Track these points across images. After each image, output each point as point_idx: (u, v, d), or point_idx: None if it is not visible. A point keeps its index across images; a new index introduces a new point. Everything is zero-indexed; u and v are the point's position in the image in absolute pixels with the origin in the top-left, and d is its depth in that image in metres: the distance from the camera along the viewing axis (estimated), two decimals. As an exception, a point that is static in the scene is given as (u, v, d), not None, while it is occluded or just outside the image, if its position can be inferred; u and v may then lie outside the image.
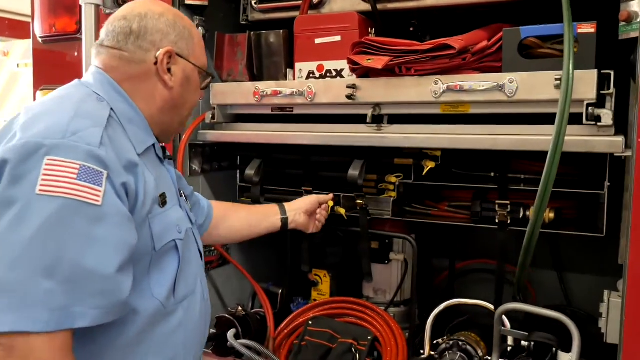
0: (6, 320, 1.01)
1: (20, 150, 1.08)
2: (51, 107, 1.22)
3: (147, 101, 1.35)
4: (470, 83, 1.63)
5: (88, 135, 1.14)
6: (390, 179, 1.93)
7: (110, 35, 1.33)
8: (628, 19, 1.43)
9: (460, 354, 1.77)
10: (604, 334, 1.67)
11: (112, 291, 1.12)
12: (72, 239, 1.07)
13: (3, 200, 1.06)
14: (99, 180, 1.11)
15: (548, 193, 1.49)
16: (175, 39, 1.36)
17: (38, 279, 1.03)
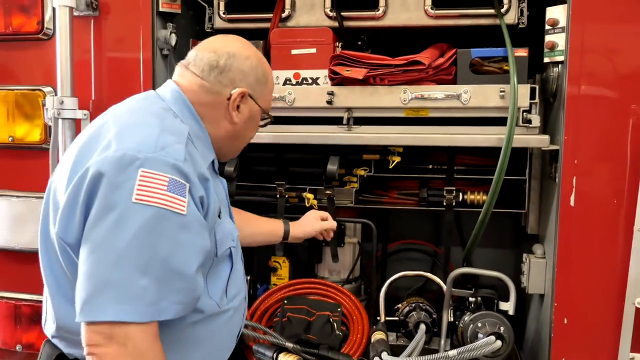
0: (110, 311, 1.16)
1: (118, 161, 1.22)
2: (139, 119, 1.36)
3: (213, 126, 1.51)
4: (434, 92, 2.02)
5: (174, 150, 1.28)
6: (359, 172, 2.26)
7: (198, 62, 1.48)
8: (552, 47, 1.92)
9: (423, 313, 2.16)
10: (526, 287, 2.18)
11: (192, 289, 1.29)
12: (163, 243, 1.21)
13: (105, 205, 1.20)
14: (183, 192, 1.26)
15: (502, 178, 1.93)
16: (252, 81, 1.52)
17: (136, 277, 1.18)
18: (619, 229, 1.81)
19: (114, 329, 1.16)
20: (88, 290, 1.18)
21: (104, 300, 1.16)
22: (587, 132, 1.83)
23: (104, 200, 1.20)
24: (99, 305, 1.16)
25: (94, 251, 1.19)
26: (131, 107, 1.45)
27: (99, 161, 1.23)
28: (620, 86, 1.79)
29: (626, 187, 1.80)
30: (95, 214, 1.20)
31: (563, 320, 1.88)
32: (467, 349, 1.78)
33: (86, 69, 2.20)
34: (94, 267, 1.18)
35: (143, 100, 1.48)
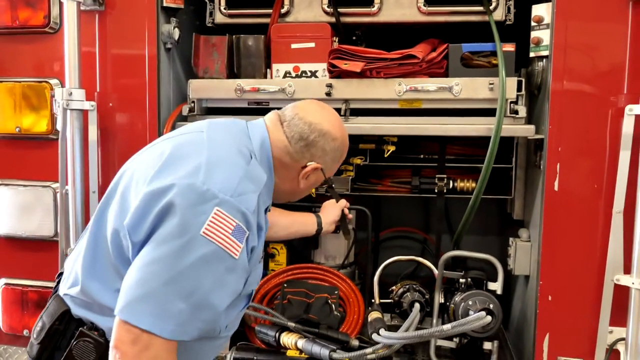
0: (146, 321, 1.30)
1: (202, 195, 1.35)
2: (228, 157, 1.46)
3: (280, 180, 1.63)
4: (427, 85, 2.14)
5: (248, 200, 1.41)
6: (355, 160, 2.37)
7: (291, 127, 1.62)
8: (537, 43, 2.05)
9: (417, 293, 2.29)
10: (512, 269, 2.32)
11: (215, 321, 1.43)
12: (211, 278, 1.34)
13: (181, 227, 1.32)
14: (242, 239, 1.38)
15: (491, 163, 2.06)
16: (329, 160, 1.68)
17: (177, 300, 1.31)
18: (599, 212, 1.95)
19: (142, 334, 1.29)
20: (135, 294, 1.30)
21: (144, 309, 1.30)
22: (570, 122, 1.96)
23: (178, 223, 1.32)
24: (138, 312, 1.29)
25: (156, 262, 1.31)
26: (226, 135, 1.56)
27: (185, 186, 1.35)
28: (600, 79, 1.93)
29: (605, 172, 1.94)
30: (167, 232, 1.32)
31: (547, 298, 2.02)
32: (459, 323, 1.91)
33: (91, 62, 2.28)
34: (148, 277, 1.31)
35: (237, 133, 1.59)
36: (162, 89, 2.28)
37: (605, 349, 1.97)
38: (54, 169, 2.27)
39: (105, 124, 2.27)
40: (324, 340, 2.12)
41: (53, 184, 2.30)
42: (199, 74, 2.38)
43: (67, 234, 2.20)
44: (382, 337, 1.98)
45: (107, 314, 1.45)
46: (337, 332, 2.18)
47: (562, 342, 2.02)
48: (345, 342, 2.14)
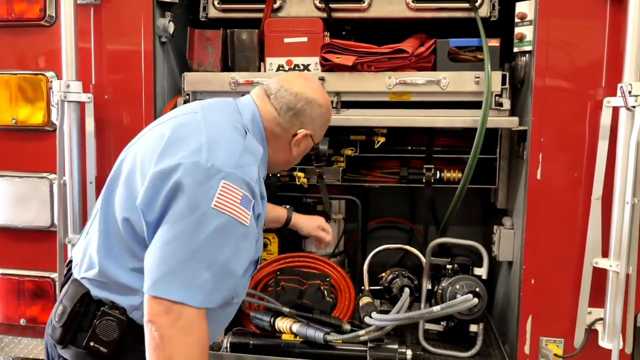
0: (176, 294, 1.38)
1: (208, 171, 1.42)
2: (227, 134, 1.54)
3: (273, 151, 1.72)
4: (416, 78, 2.22)
5: (250, 170, 1.49)
6: (346, 151, 2.45)
7: (278, 99, 1.69)
8: (520, 38, 2.15)
9: (406, 279, 2.38)
10: (497, 255, 2.42)
11: (234, 287, 1.54)
12: (228, 247, 1.43)
13: (192, 204, 1.40)
14: (249, 207, 1.46)
15: (477, 153, 2.16)
16: (317, 126, 1.76)
17: (201, 271, 1.40)
18: (579, 199, 2.06)
19: (174, 305, 1.38)
20: (160, 272, 1.38)
21: (172, 284, 1.38)
22: (552, 114, 2.07)
23: (190, 200, 1.40)
24: (167, 287, 1.37)
25: (175, 240, 1.39)
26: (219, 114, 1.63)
27: (190, 164, 1.42)
28: (580, 73, 2.04)
29: (585, 161, 2.04)
30: (180, 209, 1.39)
31: (530, 281, 2.13)
32: (448, 304, 2.00)
33: (86, 55, 2.31)
34: (171, 254, 1.39)
35: (229, 111, 1.66)
36: (157, 81, 2.33)
37: (585, 328, 2.08)
38: (50, 160, 2.30)
39: (101, 116, 2.31)
40: (318, 324, 2.20)
41: (49, 175, 2.34)
42: (194, 67, 2.44)
43: (66, 224, 2.24)
44: (374, 320, 2.07)
45: (125, 292, 1.53)
46: (330, 317, 2.26)
47: (544, 324, 2.13)
48: (338, 326, 2.22)
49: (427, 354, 2.26)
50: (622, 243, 1.93)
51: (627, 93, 1.87)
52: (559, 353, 2.10)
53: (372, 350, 2.10)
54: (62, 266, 2.26)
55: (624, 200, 1.92)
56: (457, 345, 2.32)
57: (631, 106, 1.87)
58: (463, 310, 2.04)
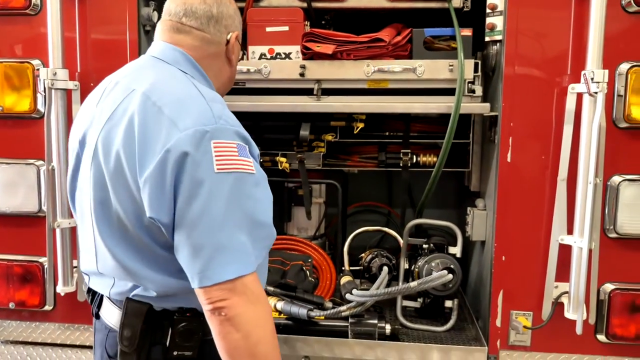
0: (230, 271, 1.33)
1: (192, 138, 1.32)
2: (181, 93, 1.41)
3: (217, 77, 1.62)
4: (393, 66, 2.32)
5: (228, 117, 1.40)
6: (326, 137, 2.55)
7: (192, 16, 1.54)
8: (492, 28, 2.26)
9: (384, 258, 2.49)
10: (470, 235, 2.55)
11: (271, 235, 1.46)
12: (247, 201, 1.37)
13: (194, 182, 1.32)
14: (247, 154, 1.39)
15: (451, 137, 2.27)
16: (237, 24, 1.66)
17: (237, 236, 1.34)
18: (546, 180, 2.18)
19: (234, 283, 1.33)
20: (203, 260, 1.32)
21: (221, 263, 1.32)
22: (521, 100, 2.18)
23: (192, 178, 1.31)
24: (218, 269, 1.32)
25: (197, 224, 1.32)
26: (157, 78, 1.47)
27: (175, 143, 1.31)
28: (547, 61, 2.15)
29: (552, 144, 2.17)
30: (188, 192, 1.32)
31: (502, 258, 2.25)
32: (425, 280, 2.12)
33: (71, 43, 2.36)
34: (202, 238, 1.32)
35: (159, 68, 1.51)
36: (142, 69, 2.38)
37: (552, 302, 2.21)
38: (37, 147, 2.35)
39: (87, 104, 2.36)
40: (301, 302, 2.30)
41: (36, 162, 2.39)
42: (178, 56, 2.49)
43: (55, 209, 2.30)
44: (354, 296, 2.18)
45: (183, 294, 1.46)
46: (313, 296, 2.37)
47: (514, 298, 2.26)
48: (320, 304, 2.32)
49: (405, 328, 2.37)
50: (585, 221, 2.06)
51: (590, 80, 2.00)
52: (527, 325, 2.24)
53: (353, 325, 2.21)
54: (52, 250, 2.31)
55: (587, 181, 2.05)
56: (434, 320, 2.44)
57: (593, 92, 2.00)
58: (438, 285, 2.16)
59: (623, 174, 2.15)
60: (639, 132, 2.14)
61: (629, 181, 2.14)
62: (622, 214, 2.16)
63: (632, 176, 2.14)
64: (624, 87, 2.10)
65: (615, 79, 2.10)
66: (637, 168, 2.15)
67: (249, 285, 1.35)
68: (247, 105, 2.41)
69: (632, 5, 2.06)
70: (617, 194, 2.15)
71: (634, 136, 2.14)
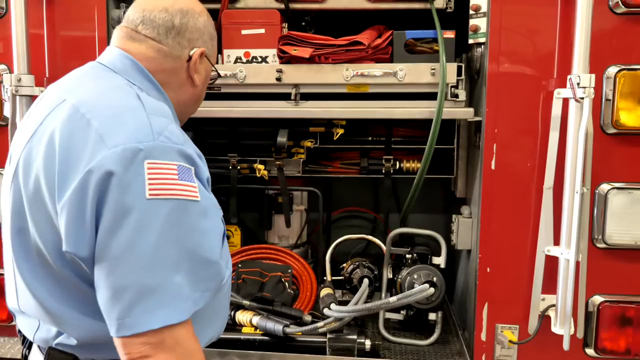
0: (157, 318, 1.10)
1: (121, 157, 1.11)
2: (118, 104, 1.21)
3: (175, 93, 1.41)
4: (373, 70, 2.23)
5: (171, 134, 1.18)
6: (306, 143, 2.46)
7: (149, 24, 1.36)
8: (475, 30, 2.17)
9: (366, 269, 2.40)
10: (455, 244, 2.46)
11: (218, 273, 1.26)
12: (187, 234, 1.15)
13: (120, 210, 1.10)
14: (191, 178, 1.17)
15: (433, 145, 2.18)
16: (206, 39, 1.45)
17: (171, 276, 1.12)
18: (532, 188, 2.10)
19: (161, 335, 1.11)
20: (125, 303, 1.10)
21: (146, 308, 1.10)
22: (506, 105, 2.09)
23: (117, 204, 1.10)
24: (141, 315, 1.10)
25: (120, 261, 1.11)
26: (93, 87, 1.29)
27: (99, 163, 1.11)
28: (533, 64, 2.06)
29: (538, 151, 2.08)
30: (111, 221, 1.10)
31: (486, 270, 2.17)
32: (405, 295, 2.03)
33: (40, 47, 2.27)
34: (125, 278, 1.11)
35: (102, 76, 1.33)
36: (112, 73, 2.28)
37: (538, 315, 2.13)
38: (2, 154, 2.25)
39: (55, 110, 2.27)
40: (278, 316, 2.21)
41: (2, 170, 2.29)
42: (150, 60, 2.40)
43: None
44: (332, 311, 2.09)
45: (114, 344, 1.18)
46: (291, 309, 2.28)
47: (500, 311, 2.18)
48: (299, 318, 2.24)
49: (387, 342, 2.29)
50: (572, 231, 1.97)
51: (576, 85, 1.91)
52: (513, 339, 2.15)
53: (332, 341, 2.12)
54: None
55: (573, 190, 1.97)
56: (418, 333, 2.36)
57: (579, 97, 1.91)
58: (419, 300, 2.07)
59: (612, 182, 2.06)
60: (628, 138, 2.05)
61: (617, 189, 2.05)
62: (610, 224, 2.08)
63: (621, 184, 2.06)
64: (612, 91, 2.01)
65: (603, 83, 2.01)
66: (626, 176, 2.06)
67: (181, 339, 1.14)
68: (222, 111, 2.32)
69: (620, 6, 1.97)
70: (606, 203, 2.06)
71: (622, 142, 2.05)
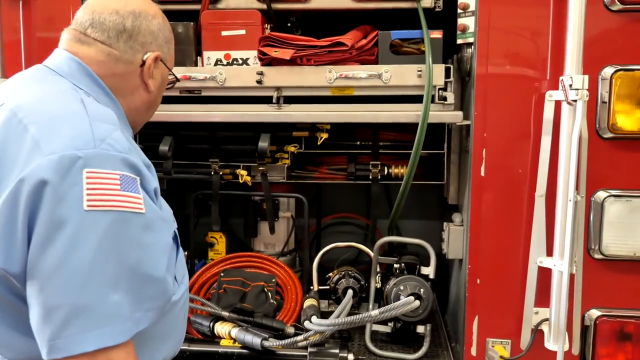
0: (90, 340, 1.02)
1: (57, 165, 1.03)
2: (58, 108, 1.15)
3: (126, 99, 1.33)
4: (357, 72, 2.14)
5: (115, 141, 1.11)
6: (289, 148, 2.37)
7: (99, 27, 1.28)
8: (463, 30, 2.06)
9: (352, 279, 2.31)
10: (446, 253, 2.35)
11: (163, 291, 1.17)
12: (128, 249, 1.07)
13: (53, 222, 1.02)
14: (136, 188, 1.10)
15: (419, 151, 2.08)
16: (162, 42, 1.37)
17: (108, 295, 1.04)
18: (524, 196, 1.99)
19: (97, 358, 1.03)
20: (56, 324, 1.02)
21: (78, 329, 1.02)
22: (495, 108, 1.99)
23: (50, 216, 1.02)
24: (74, 337, 1.02)
25: (52, 278, 1.02)
26: (35, 92, 1.20)
27: (33, 171, 1.03)
28: (524, 65, 1.96)
29: (529, 157, 1.97)
30: (43, 235, 1.02)
31: (476, 281, 2.06)
32: (388, 308, 1.93)
33: (16, 51, 2.20)
34: (57, 296, 1.02)
35: (41, 80, 1.25)
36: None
37: (531, 329, 2.02)
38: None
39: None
40: (259, 328, 2.12)
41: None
42: (128, 62, 2.32)
43: None
44: (313, 325, 2.00)
45: None
46: (273, 320, 2.19)
47: (491, 324, 2.07)
48: (281, 330, 2.14)
49: (373, 356, 2.19)
50: (566, 242, 1.87)
51: (568, 87, 1.80)
52: (505, 355, 2.04)
53: (313, 355, 2.02)
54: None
55: (566, 198, 1.86)
56: (406, 346, 2.25)
57: (572, 100, 1.80)
58: (404, 313, 1.97)
59: (608, 190, 1.95)
60: (626, 143, 1.94)
61: (614, 197, 1.94)
62: (607, 233, 1.96)
63: (619, 192, 1.94)
64: (608, 93, 1.90)
65: (598, 84, 1.90)
66: (623, 183, 1.95)
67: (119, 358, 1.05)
68: (202, 115, 2.24)
69: (616, 3, 1.85)
70: (602, 211, 1.95)
71: (620, 147, 1.94)
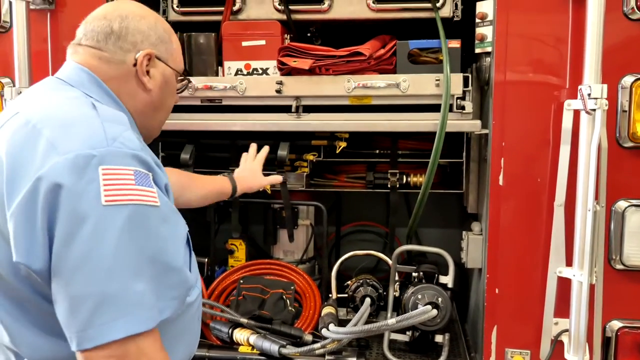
0: (119, 328, 1.05)
1: (73, 164, 1.07)
2: (72, 113, 1.19)
3: (130, 104, 1.35)
4: (375, 81, 2.15)
5: (127, 140, 1.15)
6: (308, 157, 2.39)
7: (90, 34, 1.32)
8: (481, 39, 2.07)
9: (370, 288, 2.31)
10: (465, 262, 2.34)
11: (183, 281, 1.21)
12: (147, 240, 1.11)
13: (74, 218, 1.06)
14: (150, 183, 1.14)
15: (437, 160, 2.08)
16: (156, 41, 1.37)
17: (132, 284, 1.07)
18: (543, 205, 1.98)
19: (125, 346, 1.06)
20: (84, 314, 1.05)
21: (106, 318, 1.05)
22: (514, 116, 1.98)
23: (71, 213, 1.06)
24: (102, 326, 1.05)
25: (78, 271, 1.06)
26: (47, 100, 1.26)
27: (50, 170, 1.07)
28: (542, 74, 1.95)
29: (548, 166, 1.96)
30: (65, 231, 1.06)
31: (495, 291, 2.05)
32: (405, 317, 1.94)
33: (44, 60, 2.27)
34: (84, 288, 1.06)
35: (53, 89, 1.29)
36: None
37: (551, 340, 2.00)
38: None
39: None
40: (277, 335, 2.14)
41: None
42: (151, 72, 2.38)
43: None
44: (330, 332, 2.01)
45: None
46: (291, 328, 2.20)
47: (510, 335, 2.05)
48: (299, 337, 2.16)
49: (390, 365, 2.19)
50: (585, 252, 1.85)
51: (587, 96, 1.79)
52: (524, 365, 2.03)
53: (330, 363, 2.04)
54: None
55: (585, 207, 1.84)
56: (424, 355, 2.25)
57: (590, 109, 1.79)
58: (421, 321, 1.97)
59: (629, 199, 1.93)
60: (647, 152, 1.91)
61: (635, 207, 1.92)
62: (628, 244, 1.94)
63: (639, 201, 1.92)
64: (628, 102, 1.88)
65: (618, 93, 1.89)
66: (644, 192, 1.92)
67: (146, 349, 1.08)
68: (222, 124, 2.28)
69: (636, 12, 1.84)
70: (623, 221, 1.92)
71: (640, 156, 1.92)
